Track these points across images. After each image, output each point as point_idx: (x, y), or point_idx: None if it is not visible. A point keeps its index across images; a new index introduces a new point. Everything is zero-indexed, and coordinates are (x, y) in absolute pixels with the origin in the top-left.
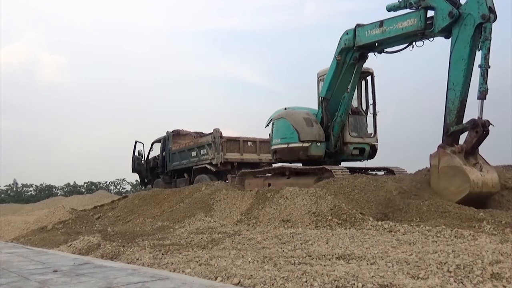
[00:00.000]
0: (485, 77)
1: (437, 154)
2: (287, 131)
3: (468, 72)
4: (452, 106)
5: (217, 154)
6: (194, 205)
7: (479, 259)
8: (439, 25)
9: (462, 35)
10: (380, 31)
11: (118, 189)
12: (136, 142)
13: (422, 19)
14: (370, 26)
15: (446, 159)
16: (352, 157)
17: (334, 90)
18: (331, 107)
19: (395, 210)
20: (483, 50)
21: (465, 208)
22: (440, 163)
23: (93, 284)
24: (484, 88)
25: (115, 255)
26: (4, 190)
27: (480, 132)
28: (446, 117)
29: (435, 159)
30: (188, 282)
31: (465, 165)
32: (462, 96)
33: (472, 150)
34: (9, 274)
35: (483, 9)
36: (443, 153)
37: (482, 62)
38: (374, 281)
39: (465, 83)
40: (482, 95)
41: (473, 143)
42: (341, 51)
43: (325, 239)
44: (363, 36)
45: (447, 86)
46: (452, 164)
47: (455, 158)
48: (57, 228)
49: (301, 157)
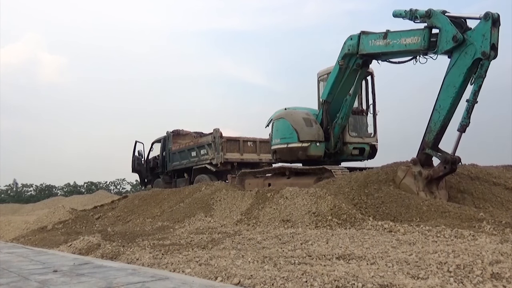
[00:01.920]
0: (469, 112)
1: (405, 170)
2: (287, 131)
3: (456, 100)
4: (434, 127)
5: (217, 154)
6: (194, 205)
7: (479, 259)
8: (442, 47)
9: (460, 62)
10: (384, 43)
11: (118, 189)
12: (136, 142)
13: (426, 39)
14: (374, 36)
15: (409, 179)
16: (352, 157)
17: (336, 94)
18: (332, 110)
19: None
20: (474, 86)
21: (465, 208)
22: (403, 179)
23: (93, 284)
24: (465, 122)
25: (115, 255)
26: (4, 190)
27: (448, 169)
28: (425, 134)
29: (402, 173)
30: (188, 282)
31: (420, 191)
32: (445, 121)
33: (437, 179)
34: (9, 274)
35: (485, 46)
36: (410, 172)
37: (471, 97)
38: (374, 281)
39: (450, 109)
40: (462, 128)
41: (439, 175)
42: (344, 56)
43: (325, 239)
44: (367, 45)
45: (434, 106)
46: (410, 187)
47: (416, 182)
48: (57, 228)
49: (300, 157)
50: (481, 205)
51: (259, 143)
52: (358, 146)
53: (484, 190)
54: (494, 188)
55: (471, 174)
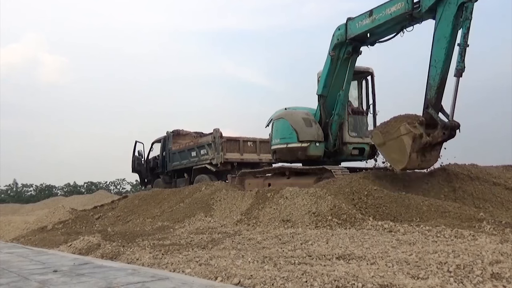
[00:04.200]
0: (462, 56)
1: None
2: (286, 131)
3: (450, 50)
4: (433, 82)
5: (217, 154)
6: (194, 205)
7: (479, 259)
8: (425, 4)
9: (445, 13)
10: (370, 20)
11: (118, 189)
12: (136, 142)
13: (409, 1)
14: (360, 18)
15: (407, 139)
16: (351, 157)
17: (330, 86)
18: (328, 105)
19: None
20: (462, 29)
21: (465, 208)
22: (404, 136)
23: (93, 284)
24: (460, 66)
25: (115, 255)
26: (4, 190)
27: (447, 135)
28: (427, 92)
29: (404, 130)
30: (188, 282)
31: (413, 153)
32: (443, 73)
33: (435, 144)
34: (9, 274)
35: None
36: (411, 132)
37: (461, 41)
38: (374, 281)
39: (446, 60)
40: (458, 73)
41: (438, 141)
42: (334, 47)
43: (325, 239)
44: (354, 28)
45: (430, 63)
46: (405, 147)
47: (413, 144)
48: (57, 228)
49: (300, 157)
50: (481, 205)
51: (259, 143)
52: (358, 146)
53: (484, 190)
54: (494, 188)
55: (471, 174)
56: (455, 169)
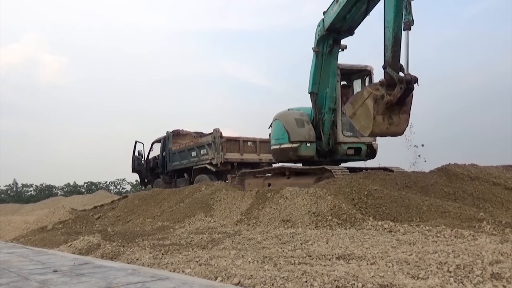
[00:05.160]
0: (408, 8)
1: (369, 92)
2: (280, 132)
3: (399, 8)
4: (388, 42)
5: (217, 154)
6: (194, 205)
7: (479, 259)
8: None
9: None
10: (337, 5)
11: (118, 189)
12: (136, 142)
13: None
14: (331, 7)
15: (370, 101)
16: (347, 157)
17: (319, 83)
18: (319, 102)
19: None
20: None
21: (465, 208)
22: (367, 99)
23: (93, 284)
24: (407, 18)
25: (115, 255)
26: (4, 190)
27: (404, 89)
28: (384, 53)
29: (366, 93)
30: (188, 282)
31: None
32: (395, 32)
33: (398, 102)
34: (9, 274)
35: None
36: (372, 95)
37: None
38: (374, 281)
39: (396, 18)
40: (407, 26)
41: (398, 97)
42: (317, 43)
43: (325, 239)
44: (328, 18)
45: (384, 25)
46: (369, 109)
47: (376, 105)
48: (57, 228)
49: (291, 158)
50: (481, 205)
51: (259, 143)
52: (354, 146)
53: (484, 190)
54: (494, 188)
55: (471, 174)
56: (455, 169)
